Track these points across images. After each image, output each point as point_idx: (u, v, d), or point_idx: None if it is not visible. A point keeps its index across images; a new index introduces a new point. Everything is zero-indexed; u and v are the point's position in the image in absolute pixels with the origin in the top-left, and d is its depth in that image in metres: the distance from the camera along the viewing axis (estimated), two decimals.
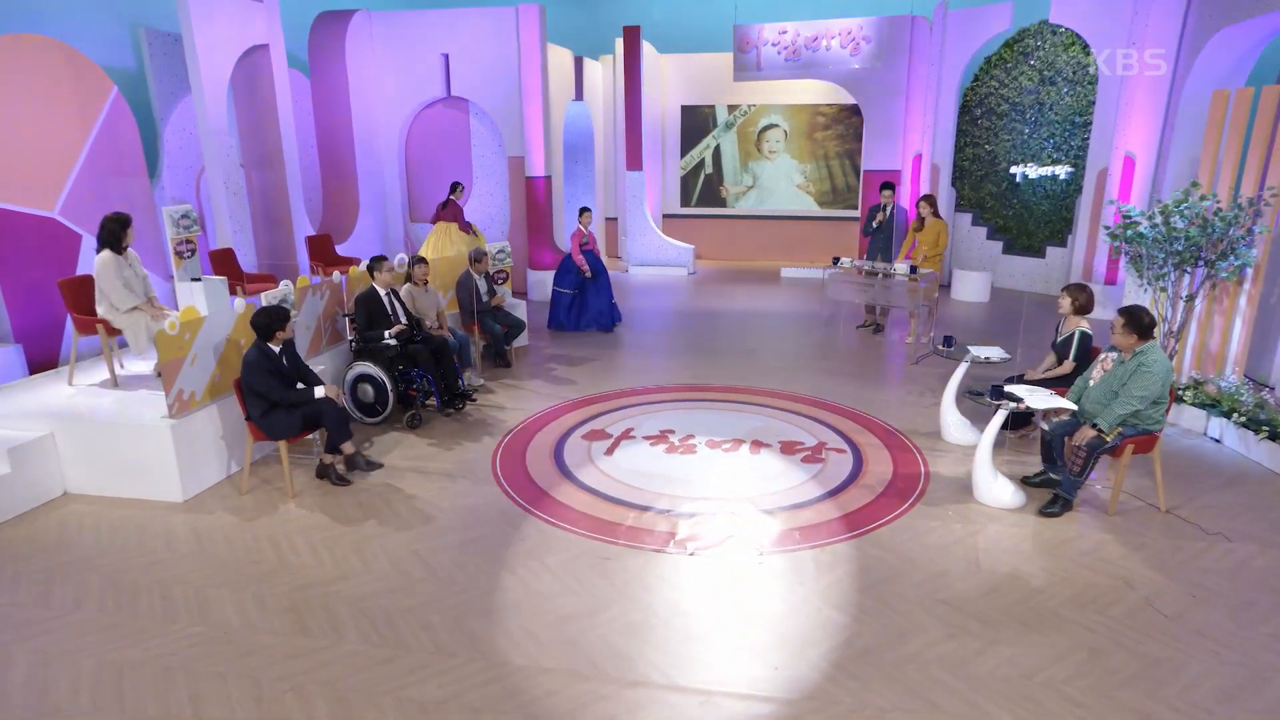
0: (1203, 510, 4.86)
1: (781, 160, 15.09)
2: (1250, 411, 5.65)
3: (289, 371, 5.18)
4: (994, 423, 4.99)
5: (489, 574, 4.11)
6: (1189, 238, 6.13)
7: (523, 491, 5.10)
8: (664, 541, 4.46)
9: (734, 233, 15.51)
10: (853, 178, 14.85)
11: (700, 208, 15.68)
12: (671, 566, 4.22)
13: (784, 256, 15.12)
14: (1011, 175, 12.16)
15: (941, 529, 4.65)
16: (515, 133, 11.68)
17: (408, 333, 6.43)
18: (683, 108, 15.22)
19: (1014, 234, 12.36)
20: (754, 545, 4.42)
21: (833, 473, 5.44)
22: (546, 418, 6.50)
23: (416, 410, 6.31)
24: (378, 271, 6.47)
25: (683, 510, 4.85)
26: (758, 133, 15.06)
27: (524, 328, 8.33)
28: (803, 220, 15.14)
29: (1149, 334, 4.59)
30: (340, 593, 3.92)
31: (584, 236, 9.49)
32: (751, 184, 15.39)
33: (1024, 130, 11.83)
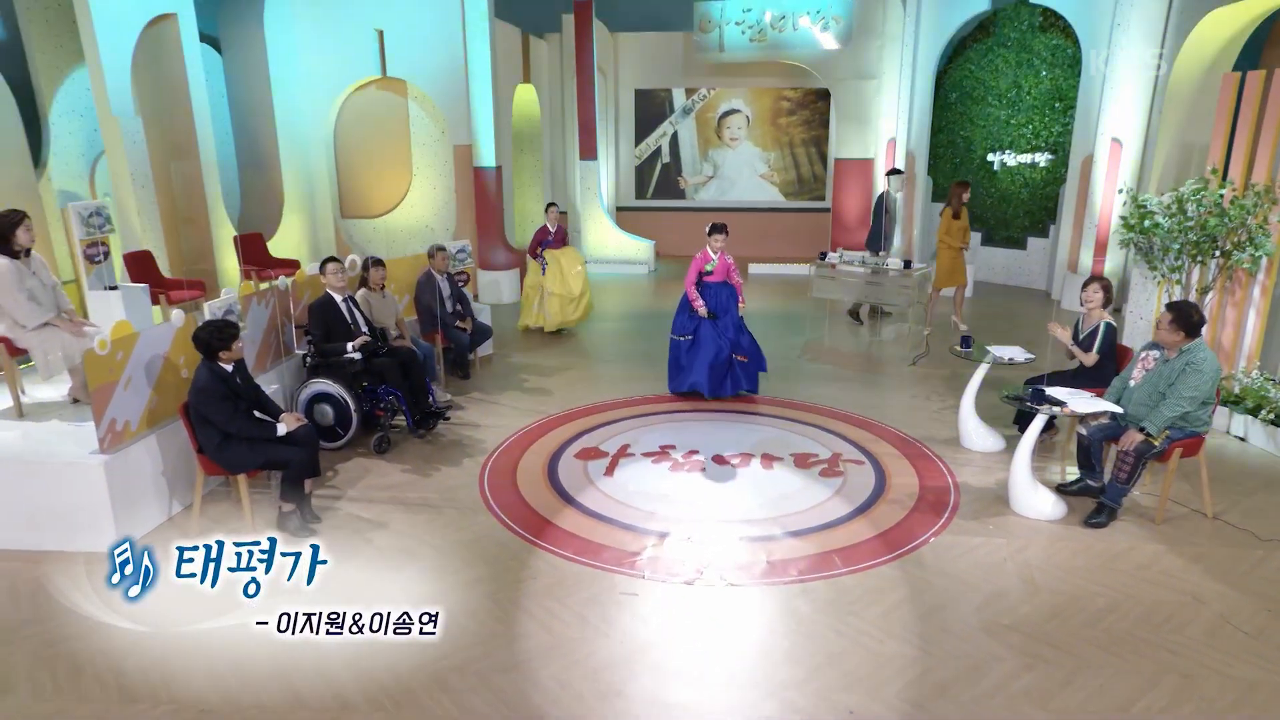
0: (1249, 515, 4.95)
1: (744, 148, 15.11)
2: (1278, 408, 5.81)
3: (247, 395, 4.80)
4: (1033, 428, 4.98)
5: (505, 620, 3.85)
6: (1206, 227, 6.28)
7: (522, 521, 4.84)
8: (693, 571, 4.28)
9: (695, 226, 15.32)
10: (820, 166, 14.97)
11: (658, 200, 15.57)
12: (706, 599, 4.05)
13: (750, 251, 15.12)
14: (989, 162, 12.43)
15: (986, 545, 4.61)
16: (461, 118, 11.32)
17: (372, 344, 6.07)
18: (637, 92, 15.08)
19: (992, 224, 12.64)
20: (793, 571, 4.28)
21: (856, 487, 5.35)
22: (529, 435, 6.24)
23: (384, 432, 5.97)
24: (323, 274, 6.09)
25: (704, 535, 4.67)
26: (718, 119, 15.04)
27: (490, 334, 8.04)
28: (768, 212, 15.19)
29: (1197, 331, 4.65)
30: (332, 654, 3.60)
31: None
32: (712, 174, 15.37)
33: (1001, 115, 12.11)
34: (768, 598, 4.08)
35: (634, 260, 14.02)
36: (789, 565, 4.37)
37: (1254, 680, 3.44)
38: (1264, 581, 4.21)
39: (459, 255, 8.33)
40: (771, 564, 4.38)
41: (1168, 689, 3.38)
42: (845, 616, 3.91)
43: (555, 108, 14.96)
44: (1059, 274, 11.40)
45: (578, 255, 9.45)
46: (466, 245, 8.46)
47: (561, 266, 9.21)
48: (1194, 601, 4.02)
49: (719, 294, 7.06)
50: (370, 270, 6.71)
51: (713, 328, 6.94)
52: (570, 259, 9.28)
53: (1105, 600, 4.04)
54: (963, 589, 4.15)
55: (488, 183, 11.67)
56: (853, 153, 13.39)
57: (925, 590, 4.14)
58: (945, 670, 3.51)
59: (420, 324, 7.64)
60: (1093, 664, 3.55)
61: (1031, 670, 3.51)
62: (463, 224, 11.84)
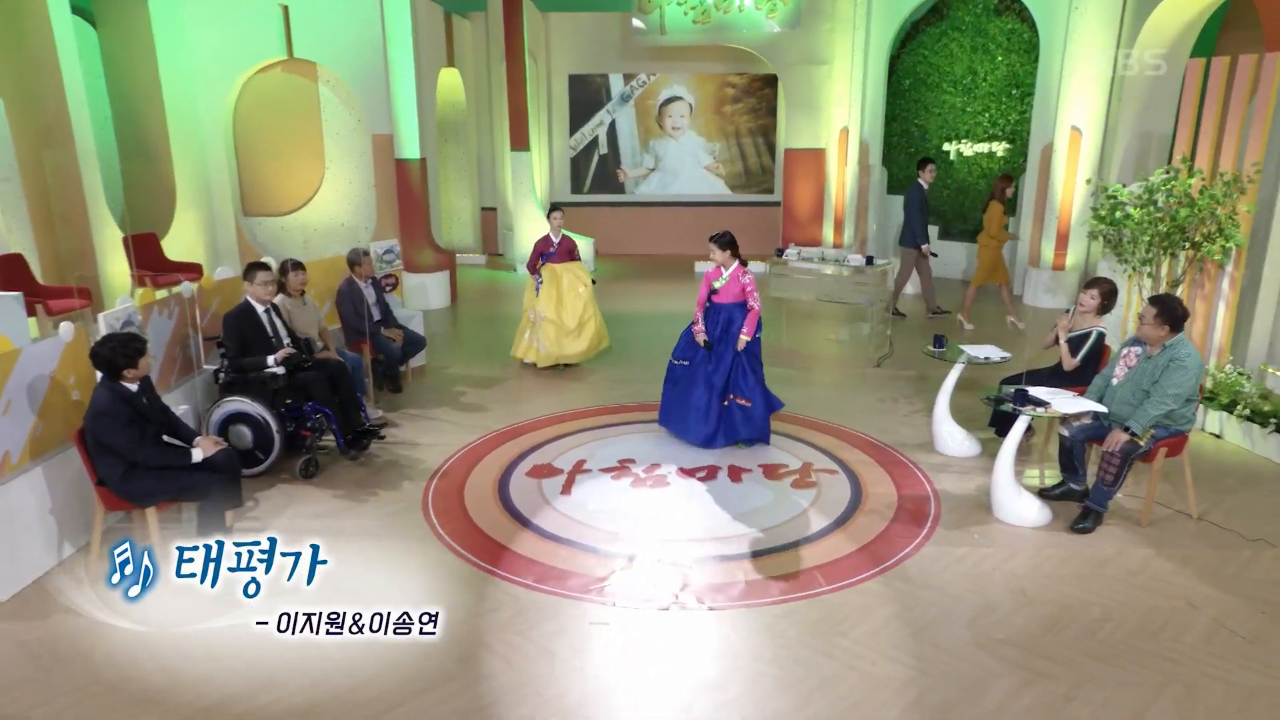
0: (1233, 514, 5.17)
1: (687, 138, 15.22)
2: (1254, 404, 6.10)
3: (155, 418, 4.58)
4: (1015, 431, 5.11)
5: (464, 659, 3.75)
6: (1176, 218, 6.57)
7: (475, 548, 4.74)
8: (668, 596, 4.25)
9: (636, 222, 15.48)
10: (768, 157, 15.18)
11: (595, 194, 15.55)
12: (684, 625, 4.03)
13: (696, 248, 15.17)
14: (945, 152, 12.78)
15: (972, 555, 4.70)
16: (380, 105, 11.10)
17: (297, 357, 5.88)
18: (571, 77, 15.05)
19: (950, 217, 13.00)
20: (774, 590, 4.29)
21: (832, 498, 5.41)
22: (474, 453, 6.13)
23: (312, 455, 5.77)
24: (250, 283, 5.88)
25: (676, 556, 4.65)
26: (659, 106, 15.11)
27: (424, 344, 7.88)
28: (714, 207, 15.32)
29: (1181, 326, 4.84)
30: (273, 710, 3.44)
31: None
32: (654, 166, 15.43)
33: (957, 102, 12.47)
34: (749, 620, 4.08)
35: None
36: (769, 584, 4.38)
37: (1256, 687, 3.58)
38: (1254, 583, 4.40)
39: (385, 257, 8.16)
40: (750, 584, 4.39)
41: (1172, 700, 3.50)
42: (833, 637, 3.93)
43: (482, 95, 14.81)
44: (1020, 268, 11.77)
45: (583, 273, 8.23)
46: (394, 246, 8.30)
47: (560, 287, 8.07)
48: (1188, 607, 4.18)
49: (727, 318, 6.20)
50: (289, 274, 6.51)
51: (706, 362, 6.19)
52: (572, 278, 8.11)
53: (1099, 609, 4.16)
54: (952, 603, 4.23)
55: (411, 176, 11.47)
56: (803, 142, 13.61)
57: (913, 605, 4.20)
58: (943, 691, 3.56)
59: (344, 334, 7.44)
60: (1093, 678, 3.65)
61: (1032, 687, 3.59)
62: (384, 222, 11.60)
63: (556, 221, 8.13)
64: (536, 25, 14.28)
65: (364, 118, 11.30)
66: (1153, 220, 6.71)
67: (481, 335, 10.12)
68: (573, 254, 8.24)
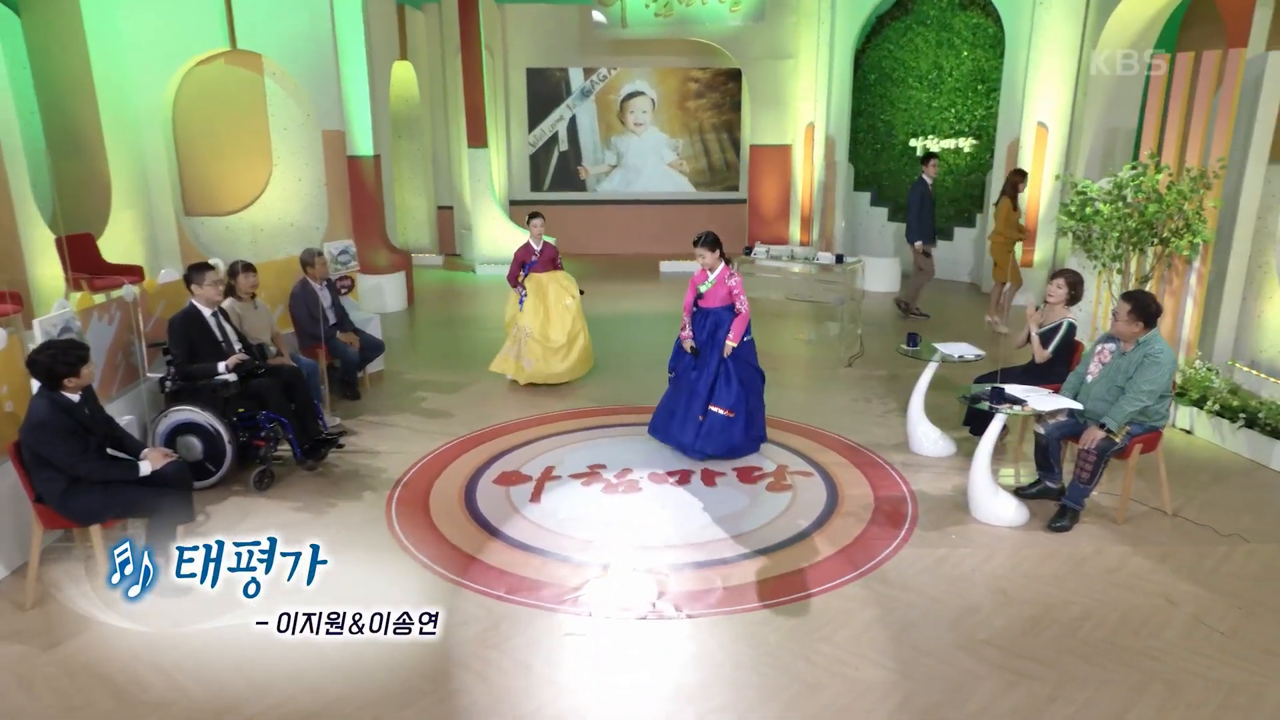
0: (1206, 509, 5.32)
1: (649, 134, 15.26)
2: (1223, 399, 6.28)
3: (98, 429, 4.46)
4: (991, 430, 5.20)
5: (435, 677, 3.72)
6: (1144, 214, 6.74)
7: (443, 559, 4.70)
8: (646, 604, 4.26)
9: (598, 221, 15.47)
10: (732, 154, 15.27)
11: (556, 192, 15.52)
12: (663, 634, 4.04)
13: (659, 247, 15.25)
14: (911, 148, 12.97)
15: (951, 556, 4.78)
16: (331, 100, 10.95)
17: (250, 364, 5.77)
18: (529, 71, 15.01)
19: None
20: (753, 596, 4.31)
21: (808, 501, 5.46)
22: (438, 461, 6.08)
23: (266, 466, 5.68)
24: (198, 285, 5.77)
25: (651, 563, 4.65)
26: (620, 102, 15.14)
27: (382, 349, 7.80)
28: (678, 205, 15.38)
29: (1154, 322, 4.97)
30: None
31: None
32: (615, 163, 15.45)
33: (922, 98, 12.66)
34: (729, 627, 4.09)
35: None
36: (748, 590, 4.40)
37: (1236, 682, 3.68)
38: (1230, 578, 4.53)
39: (340, 258, 8.05)
40: (728, 590, 4.41)
41: (1154, 698, 3.58)
42: (815, 643, 3.97)
43: (437, 89, 14.71)
44: (988, 265, 11.95)
45: (569, 284, 7.89)
46: (349, 246, 8.19)
47: (546, 300, 7.73)
48: (1166, 604, 4.29)
49: (714, 323, 6.11)
50: (239, 276, 6.41)
51: (691, 368, 6.11)
52: (557, 290, 7.79)
53: (1079, 608, 4.25)
54: (933, 605, 4.29)
55: (364, 174, 11.35)
56: (768, 139, 13.72)
57: (894, 608, 4.25)
58: (928, 694, 3.61)
59: (298, 338, 7.34)
60: (1076, 677, 3.72)
61: (1015, 688, 3.65)
62: (336, 221, 11.45)
63: (537, 228, 7.81)
64: (493, 17, 14.22)
65: (313, 113, 11.15)
66: (1121, 216, 6.88)
67: (441, 339, 10.04)
68: (556, 262, 7.94)
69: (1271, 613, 4.21)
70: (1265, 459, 5.99)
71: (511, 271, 7.87)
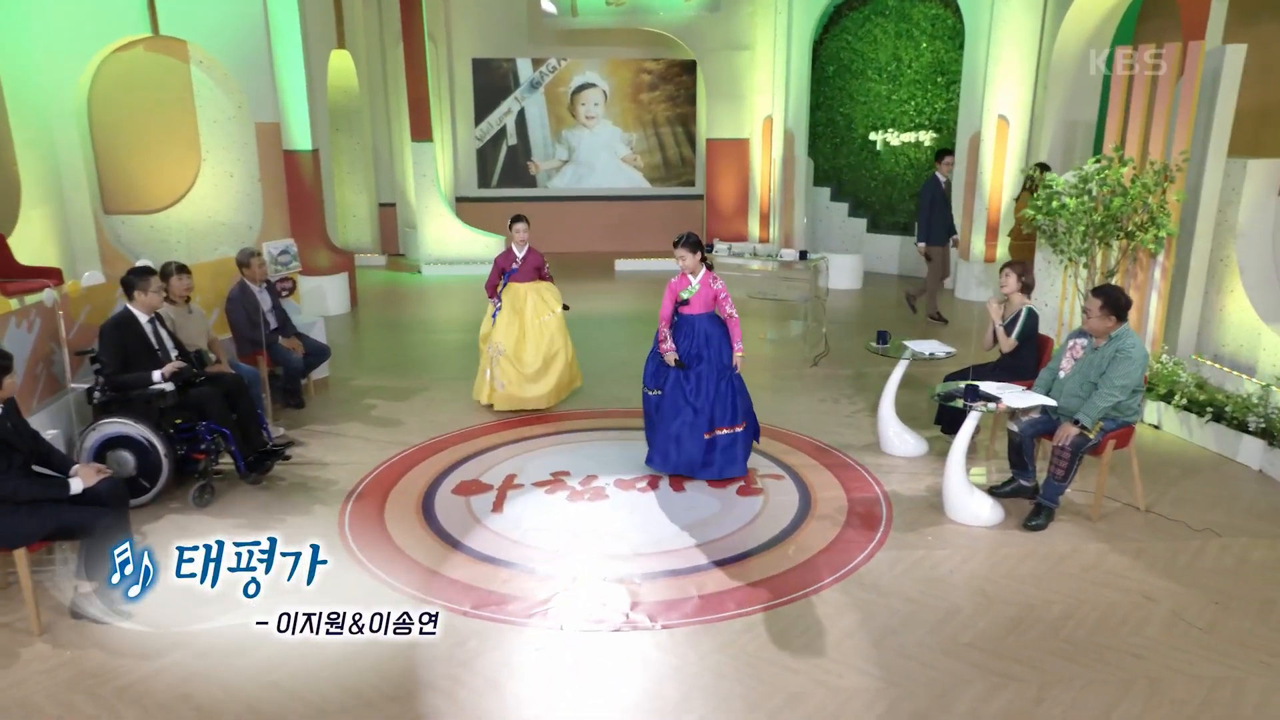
0: (1178, 505, 5.50)
1: (602, 128, 15.27)
2: (1190, 393, 6.49)
3: (22, 445, 4.32)
4: (965, 428, 5.30)
5: (400, 698, 3.67)
6: (1109, 208, 6.93)
7: (402, 575, 4.65)
8: (619, 616, 4.26)
9: (549, 218, 15.36)
10: (688, 148, 15.35)
11: (504, 188, 15.45)
12: (640, 646, 4.04)
13: (614, 245, 15.26)
14: (871, 142, 13.17)
15: (928, 558, 4.86)
16: (263, 90, 10.74)
17: (187, 371, 5.64)
18: (475, 62, 14.91)
19: (878, 209, 13.40)
20: (730, 605, 4.34)
21: (780, 505, 5.51)
22: (391, 471, 6.01)
23: (207, 480, 5.55)
24: (141, 291, 5.62)
25: (623, 572, 4.66)
26: (571, 94, 15.12)
27: (328, 354, 7.68)
28: (633, 201, 15.41)
29: (1125, 316, 5.11)
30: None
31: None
32: (566, 157, 15.43)
33: (881, 90, 12.86)
34: (707, 637, 4.11)
35: (482, 259, 13.78)
36: (724, 598, 4.43)
37: (1218, 677, 3.81)
38: (1205, 573, 4.69)
39: (281, 258, 7.92)
40: (704, 599, 4.43)
41: (1139, 696, 3.69)
42: (796, 650, 4.01)
43: (377, 80, 14.54)
44: (951, 262, 12.20)
45: (550, 297, 7.24)
46: (290, 246, 8.05)
47: (523, 314, 7.09)
48: (1145, 600, 4.42)
49: (700, 332, 5.80)
50: (173, 279, 6.27)
51: (682, 381, 5.79)
52: (536, 302, 7.14)
53: (1060, 607, 4.36)
54: (913, 608, 4.36)
55: (302, 170, 11.17)
56: (725, 132, 13.82)
57: (875, 613, 4.31)
58: (914, 700, 3.67)
59: (236, 344, 7.20)
60: (1061, 677, 3.82)
61: (1002, 690, 3.73)
62: (272, 220, 11.22)
63: (520, 233, 7.08)
64: (436, 4, 14.11)
65: (245, 104, 10.91)
66: (1087, 210, 7.06)
67: (388, 343, 9.92)
68: (542, 272, 7.23)
69: (1246, 606, 4.36)
70: (1232, 452, 6.20)
71: (490, 280, 7.26)
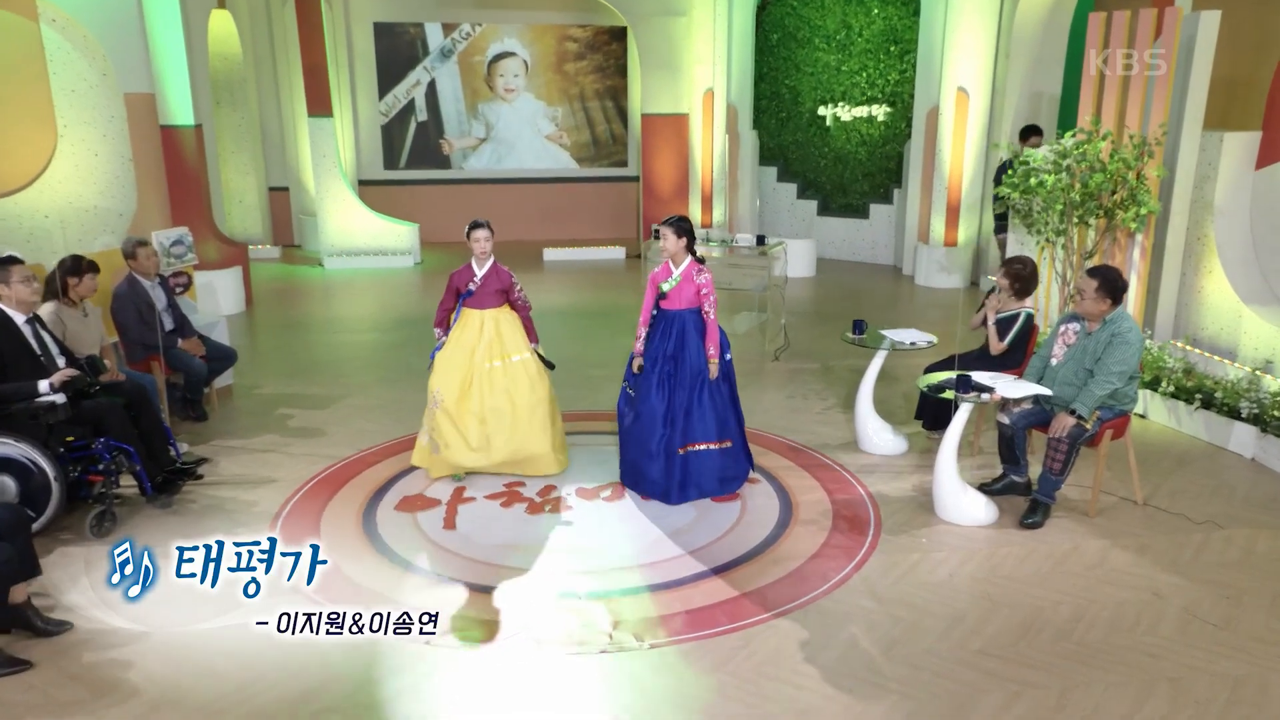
0: (1175, 497, 5.77)
1: (523, 102, 15.22)
2: (1177, 379, 6.80)
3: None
4: (956, 424, 5.46)
5: None
6: (1088, 185, 7.22)
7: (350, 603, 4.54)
8: (600, 636, 4.28)
9: (466, 203, 15.25)
10: (619, 124, 15.41)
11: (414, 169, 15.28)
12: (628, 668, 4.07)
13: (541, 233, 15.23)
14: (820, 117, 13.43)
15: (925, 562, 5.00)
16: (133, 56, 10.33)
17: (80, 380, 5.43)
18: (377, 26, 14.71)
19: (829, 190, 13.68)
20: (721, 619, 4.40)
21: (760, 511, 5.60)
22: (320, 490, 5.92)
23: (106, 506, 5.36)
24: (4, 284, 5.38)
25: (599, 588, 4.68)
26: (487, 64, 15.03)
27: (234, 358, 7.49)
28: (560, 183, 15.40)
29: (1121, 298, 5.34)
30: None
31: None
32: (484, 135, 15.34)
33: (830, 61, 13.13)
34: (701, 655, 4.16)
35: (392, 250, 13.66)
36: (713, 613, 4.48)
37: (1240, 675, 4.02)
38: (1212, 567, 4.94)
39: (174, 250, 7.70)
40: (691, 614, 4.47)
41: (1162, 698, 3.87)
42: (798, 665, 4.08)
43: (263, 46, 14.22)
44: (909, 245, 12.56)
45: (515, 334, 6.00)
46: (184, 236, 7.84)
47: (472, 354, 5.88)
48: (1155, 598, 4.62)
49: (676, 332, 5.60)
50: (86, 279, 6.10)
51: (659, 388, 5.60)
52: (493, 339, 5.91)
53: (1069, 609, 4.54)
54: (916, 615, 4.48)
55: (183, 148, 10.88)
56: (662, 107, 13.90)
57: (877, 622, 4.42)
58: (931, 712, 3.77)
59: (125, 349, 6.96)
60: (1079, 682, 3.97)
61: (1020, 699, 3.87)
62: (149, 206, 10.84)
63: (481, 244, 5.83)
64: None
65: (110, 71, 10.50)
66: (1065, 187, 7.34)
67: (294, 346, 9.72)
68: (510, 295, 6.01)
69: (1258, 600, 4.60)
70: (1223, 441, 6.53)
71: (442, 306, 6.06)
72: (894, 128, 12.95)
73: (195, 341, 7.16)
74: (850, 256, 13.56)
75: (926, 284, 11.94)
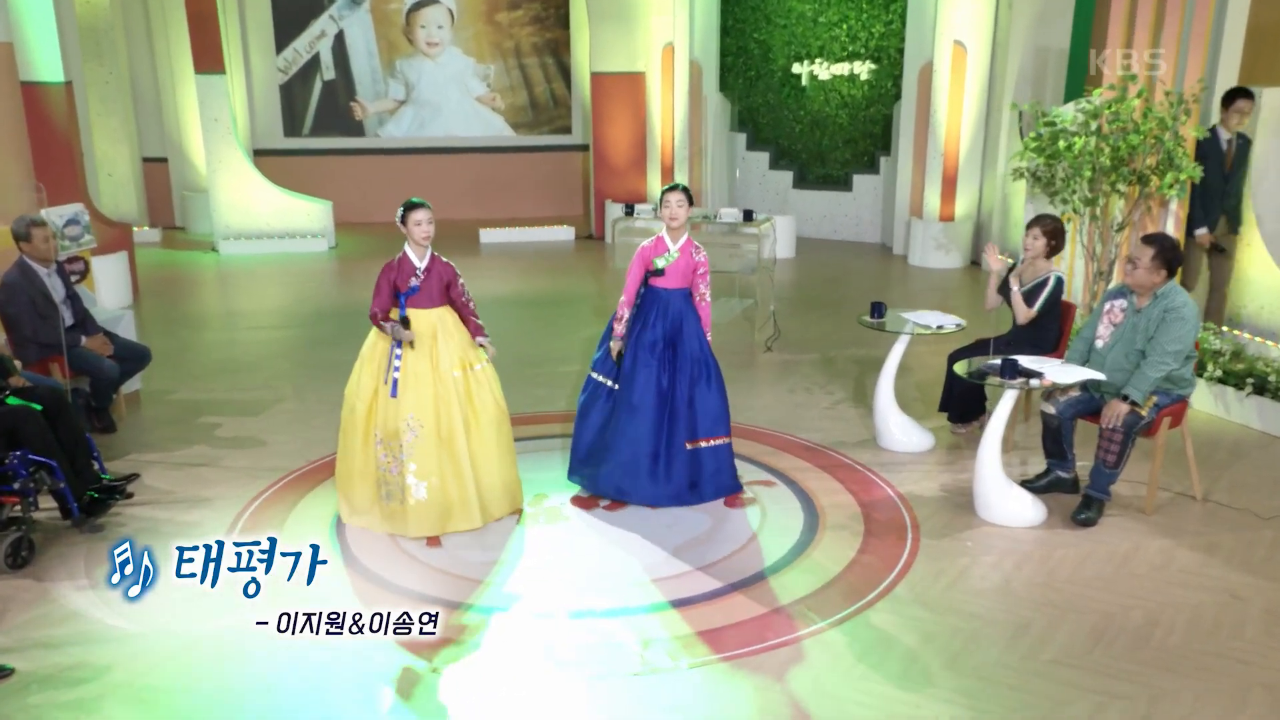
0: (1236, 491, 6.08)
1: (449, 57, 15.23)
2: (1225, 363, 7.12)
3: None
4: (1000, 414, 5.67)
5: None
6: (1119, 149, 7.51)
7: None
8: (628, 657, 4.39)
9: (384, 176, 15.25)
10: (561, 85, 15.47)
11: (321, 137, 15.19)
12: (669, 692, 4.18)
13: (475, 211, 15.22)
14: (794, 76, 13.67)
15: (975, 567, 5.21)
16: None
17: None
18: None
19: (805, 159, 13.93)
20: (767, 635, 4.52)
21: (781, 515, 5.77)
22: (272, 506, 5.96)
23: (23, 533, 5.28)
24: None
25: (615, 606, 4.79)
26: (405, 14, 15.00)
27: (148, 358, 7.40)
28: (495, 153, 15.42)
29: (1175, 270, 5.59)
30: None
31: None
32: (404, 97, 15.29)
33: (806, 11, 13.36)
34: (746, 674, 4.28)
35: (301, 232, 13.55)
36: (752, 628, 4.61)
37: None
38: None
39: (69, 231, 7.59)
40: (727, 630, 4.60)
41: (1259, 705, 4.10)
42: (858, 680, 4.24)
43: None
44: (899, 221, 12.86)
45: (461, 335, 5.68)
46: (80, 214, 7.73)
47: (435, 364, 5.51)
48: (1233, 600, 4.88)
49: (674, 312, 5.74)
50: None
51: (652, 374, 5.70)
52: (449, 345, 5.58)
53: (1140, 613, 4.76)
54: (977, 624, 4.67)
55: (50, 109, 10.68)
56: (614, 64, 14.00)
57: (936, 633, 4.59)
58: None
59: (19, 350, 6.81)
60: (1166, 691, 4.19)
61: (1106, 710, 4.06)
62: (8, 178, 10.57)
63: (423, 229, 5.54)
64: None
65: None
66: (1094, 151, 7.63)
67: (199, 344, 9.65)
68: (452, 292, 5.69)
69: None
70: (1278, 429, 6.85)
71: (376, 305, 5.59)
72: (880, 87, 13.24)
73: (102, 339, 7.06)
74: (831, 234, 13.83)
75: (921, 264, 12.24)
